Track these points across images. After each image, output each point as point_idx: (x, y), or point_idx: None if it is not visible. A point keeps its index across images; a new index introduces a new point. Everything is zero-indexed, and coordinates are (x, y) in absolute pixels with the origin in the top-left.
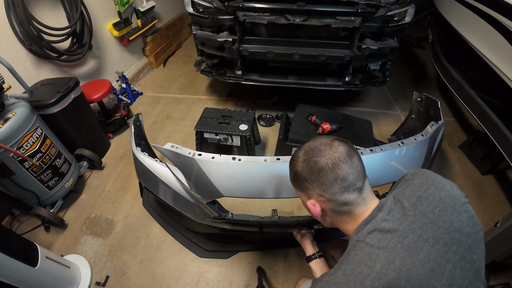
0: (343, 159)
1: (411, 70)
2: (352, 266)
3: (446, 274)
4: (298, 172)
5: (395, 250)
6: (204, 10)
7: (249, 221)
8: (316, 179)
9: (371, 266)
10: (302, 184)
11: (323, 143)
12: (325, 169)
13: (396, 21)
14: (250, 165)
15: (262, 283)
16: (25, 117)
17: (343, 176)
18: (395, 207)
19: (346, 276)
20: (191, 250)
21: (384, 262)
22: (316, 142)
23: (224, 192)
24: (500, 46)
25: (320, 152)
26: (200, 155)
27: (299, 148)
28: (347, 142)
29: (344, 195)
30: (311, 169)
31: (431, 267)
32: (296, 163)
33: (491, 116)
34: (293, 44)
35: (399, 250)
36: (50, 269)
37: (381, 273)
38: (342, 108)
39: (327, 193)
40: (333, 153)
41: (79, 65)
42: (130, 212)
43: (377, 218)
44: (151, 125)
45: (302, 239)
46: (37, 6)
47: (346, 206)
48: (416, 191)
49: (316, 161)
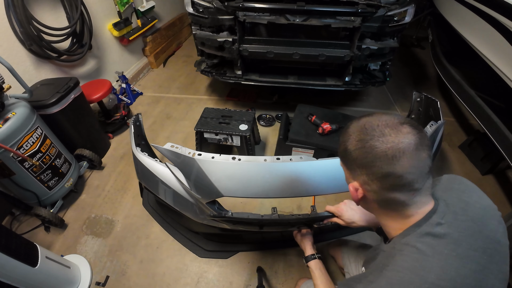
0: (408, 153)
1: (411, 70)
2: (400, 274)
3: (489, 286)
4: (349, 150)
5: (449, 258)
6: (204, 10)
7: (249, 219)
8: (366, 166)
9: (423, 276)
10: (349, 163)
11: (389, 124)
12: (381, 159)
13: (396, 21)
14: (250, 165)
15: (262, 283)
16: (25, 117)
17: (399, 174)
18: (448, 211)
19: (392, 285)
20: (191, 250)
21: (439, 272)
22: (380, 120)
23: (224, 192)
24: (500, 46)
25: (381, 136)
26: (200, 155)
27: (356, 120)
28: (419, 130)
29: (393, 193)
30: (365, 153)
31: (479, 278)
32: (348, 138)
33: (491, 116)
34: (293, 44)
35: (453, 259)
36: (50, 269)
37: (435, 284)
38: (342, 108)
39: (374, 185)
40: (398, 141)
41: (79, 65)
42: (130, 212)
43: (431, 220)
44: (151, 125)
45: (302, 239)
46: (37, 6)
47: (394, 205)
48: (461, 196)
49: (373, 146)
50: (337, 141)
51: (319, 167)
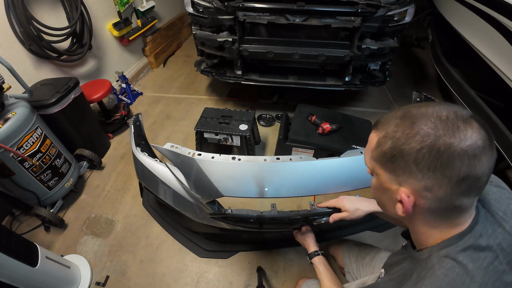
0: (487, 151)
1: (411, 70)
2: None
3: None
4: (406, 151)
5: (488, 272)
6: (204, 10)
7: (248, 215)
8: (439, 169)
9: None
10: (402, 166)
11: (459, 116)
12: (462, 159)
13: (396, 21)
14: (250, 164)
15: (262, 283)
16: (25, 117)
17: (478, 176)
18: (487, 220)
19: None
20: (191, 250)
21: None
22: (448, 111)
23: (224, 192)
24: (500, 46)
25: (457, 131)
26: (199, 155)
27: (404, 109)
28: (486, 125)
29: (462, 199)
30: (439, 153)
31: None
32: (403, 134)
33: (491, 116)
34: (293, 44)
35: (491, 273)
36: (50, 269)
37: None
38: (342, 108)
39: (443, 191)
40: (476, 137)
41: (79, 65)
42: (130, 212)
43: (475, 232)
44: (151, 125)
45: (303, 237)
46: (37, 6)
47: (452, 212)
48: (500, 203)
49: (450, 143)
50: (338, 141)
51: (319, 167)
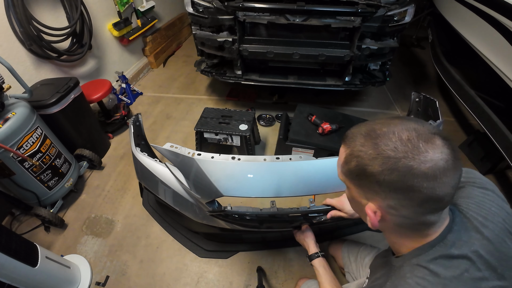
0: (448, 172)
1: (411, 70)
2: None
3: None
4: (369, 172)
5: (461, 279)
6: (204, 10)
7: (248, 212)
8: (400, 191)
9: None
10: (367, 184)
11: (421, 135)
12: (421, 183)
13: (396, 21)
14: (250, 164)
15: (262, 283)
16: (25, 117)
17: (440, 197)
18: (463, 227)
19: None
20: (191, 250)
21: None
22: (409, 131)
23: (223, 192)
24: (500, 46)
25: (417, 152)
26: (199, 155)
27: (368, 126)
28: (450, 142)
29: (426, 216)
30: (399, 176)
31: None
32: (365, 154)
33: (491, 116)
34: (293, 44)
35: (465, 280)
36: (50, 269)
37: None
38: (342, 108)
39: (406, 211)
40: (437, 158)
41: (79, 65)
42: (130, 212)
43: (446, 241)
44: (151, 125)
45: (304, 237)
46: (37, 6)
47: (419, 226)
48: (481, 207)
49: (410, 166)
50: (338, 141)
51: (318, 167)
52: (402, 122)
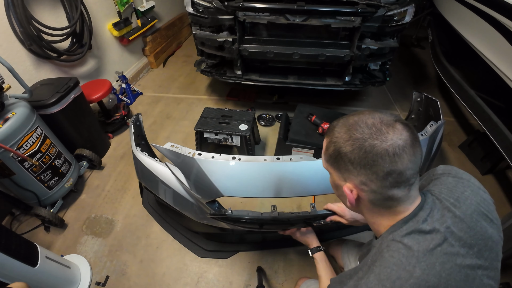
0: (407, 149)
1: (411, 70)
2: (387, 269)
3: (476, 282)
4: (343, 153)
5: (435, 253)
6: (204, 10)
7: (248, 217)
8: (366, 166)
9: (410, 271)
10: (343, 165)
11: (384, 121)
12: (383, 157)
13: (396, 21)
14: (250, 164)
15: (262, 283)
16: (25, 117)
17: (401, 171)
18: (435, 206)
19: (381, 281)
20: (191, 250)
21: (424, 267)
22: (374, 118)
23: (224, 192)
24: (500, 46)
25: (379, 134)
26: (200, 155)
27: (344, 118)
28: (410, 127)
29: (393, 190)
30: (365, 153)
31: (466, 273)
32: (340, 139)
33: (491, 116)
34: (293, 44)
35: (439, 254)
36: (50, 269)
37: (421, 278)
38: (342, 108)
39: (374, 185)
40: (396, 138)
41: (79, 65)
42: (130, 212)
43: (418, 217)
44: (151, 125)
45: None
46: (37, 6)
47: (390, 202)
48: (453, 191)
49: (374, 144)
50: None
51: (318, 167)
52: (370, 112)
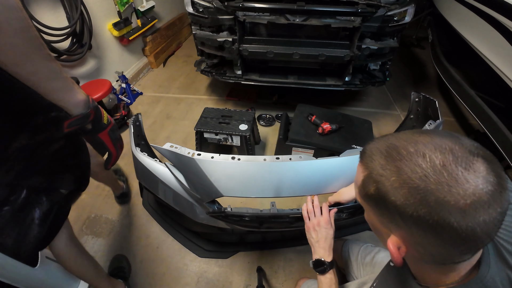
0: (493, 202)
1: (411, 70)
2: None
3: None
4: (392, 203)
5: None
6: (204, 10)
7: (247, 214)
8: (429, 229)
9: None
10: (388, 215)
11: (458, 157)
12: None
13: (396, 21)
14: (250, 164)
15: (262, 283)
16: None
17: (478, 236)
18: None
19: None
20: (191, 250)
21: None
22: (443, 152)
23: (223, 192)
24: (500, 46)
25: (454, 182)
26: (199, 155)
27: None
28: (494, 162)
29: (462, 256)
30: (430, 212)
31: None
32: (386, 180)
33: (491, 116)
34: (293, 44)
35: None
36: (50, 269)
37: None
38: (342, 108)
39: (436, 249)
40: (480, 190)
41: (79, 65)
42: (130, 212)
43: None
44: (151, 125)
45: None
46: (37, 6)
47: (453, 264)
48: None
49: (445, 202)
50: (338, 141)
51: (318, 167)
52: (433, 139)
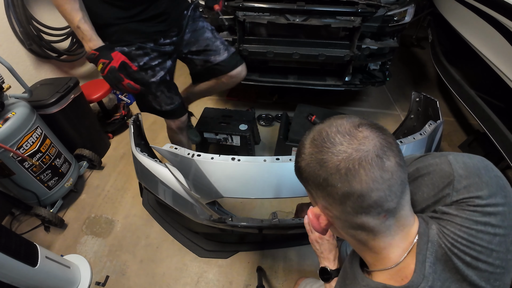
0: (366, 163)
1: (411, 70)
2: None
3: None
4: (301, 168)
5: None
6: (204, 10)
7: (249, 225)
8: (320, 186)
9: None
10: (304, 184)
11: (340, 129)
12: (333, 175)
13: (396, 21)
14: (250, 165)
15: (262, 283)
16: (25, 117)
17: (361, 192)
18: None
19: None
20: (191, 250)
21: None
22: (331, 127)
23: (223, 193)
24: (500, 46)
25: (332, 146)
26: (199, 156)
27: (309, 130)
28: (382, 131)
29: (360, 217)
30: (316, 170)
31: None
32: (300, 153)
33: (491, 116)
34: (293, 44)
35: None
36: (50, 269)
37: None
38: (342, 108)
39: (335, 210)
40: (352, 149)
41: (79, 65)
42: (130, 212)
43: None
44: (151, 125)
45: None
46: (37, 6)
47: (363, 232)
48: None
49: (324, 159)
50: None
51: None
52: (334, 119)
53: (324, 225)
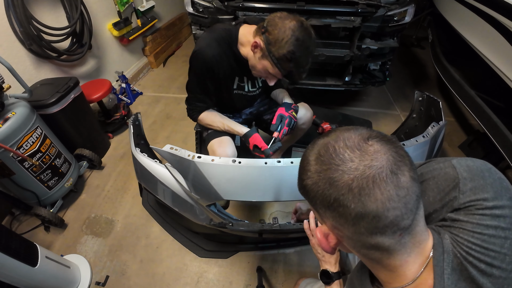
0: (382, 181)
1: (411, 70)
2: None
3: None
4: (307, 187)
5: None
6: (204, 10)
7: (249, 230)
8: (330, 206)
9: None
10: (311, 202)
11: (349, 144)
12: (345, 195)
13: (396, 21)
14: (250, 168)
15: (262, 283)
16: (25, 117)
17: (376, 213)
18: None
19: None
20: (191, 250)
21: None
22: (338, 140)
23: (223, 195)
24: (500, 46)
25: (341, 163)
26: (199, 158)
27: (312, 144)
28: (393, 143)
29: (375, 237)
30: (324, 189)
31: None
32: (304, 170)
33: (491, 116)
34: None
35: None
36: (50, 269)
37: None
38: (342, 108)
39: (346, 230)
40: (365, 166)
41: (79, 65)
42: (130, 212)
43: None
44: (151, 125)
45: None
46: (37, 6)
47: (377, 251)
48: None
49: (333, 178)
50: None
51: None
52: (339, 132)
53: (333, 245)
